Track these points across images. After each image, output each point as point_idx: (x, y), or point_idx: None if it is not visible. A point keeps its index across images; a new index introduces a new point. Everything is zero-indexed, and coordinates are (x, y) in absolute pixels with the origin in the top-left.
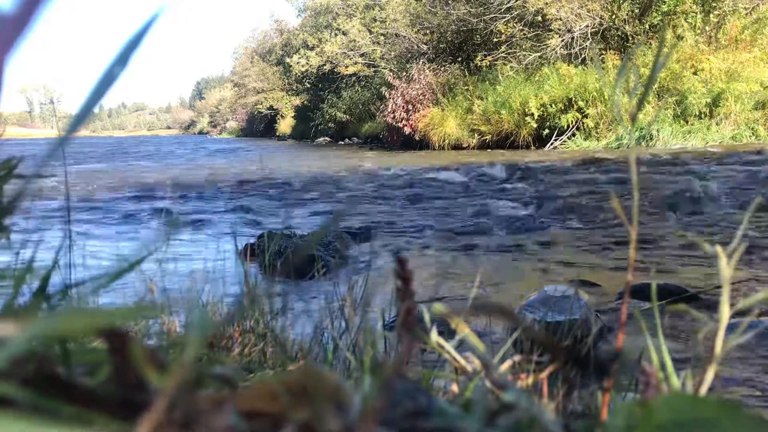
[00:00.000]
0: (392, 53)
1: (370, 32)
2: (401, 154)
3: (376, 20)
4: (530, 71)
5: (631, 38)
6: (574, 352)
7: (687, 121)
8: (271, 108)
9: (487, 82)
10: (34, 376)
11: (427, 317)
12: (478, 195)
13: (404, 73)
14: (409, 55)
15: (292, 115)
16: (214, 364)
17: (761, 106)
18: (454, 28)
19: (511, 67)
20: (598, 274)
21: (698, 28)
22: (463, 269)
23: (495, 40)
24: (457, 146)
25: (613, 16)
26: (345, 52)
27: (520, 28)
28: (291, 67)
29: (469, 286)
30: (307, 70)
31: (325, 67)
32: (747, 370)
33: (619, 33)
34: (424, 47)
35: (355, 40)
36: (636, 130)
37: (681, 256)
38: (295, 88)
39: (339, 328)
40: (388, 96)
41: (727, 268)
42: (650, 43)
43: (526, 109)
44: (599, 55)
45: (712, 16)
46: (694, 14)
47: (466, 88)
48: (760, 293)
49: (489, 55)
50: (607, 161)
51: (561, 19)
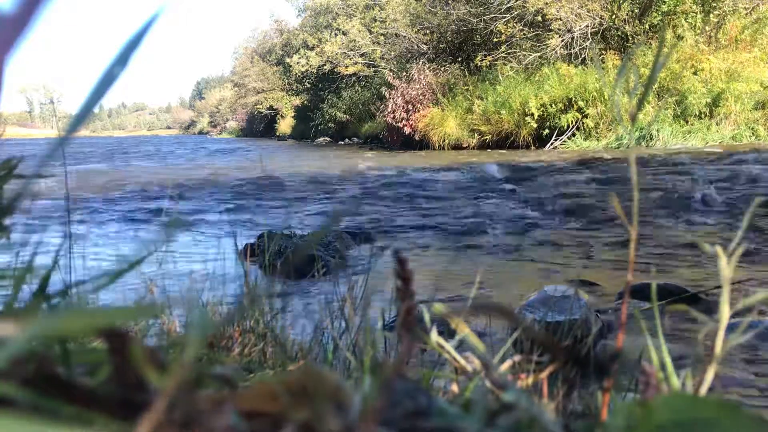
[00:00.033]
0: (392, 53)
1: (370, 32)
2: (401, 154)
3: (376, 20)
4: (530, 71)
5: (631, 38)
6: (574, 352)
7: (687, 121)
8: (271, 108)
9: (487, 82)
10: (34, 376)
11: (427, 317)
12: (478, 195)
13: (404, 73)
14: (409, 55)
15: (292, 115)
16: (214, 364)
17: (761, 106)
18: (454, 28)
19: (511, 67)
20: (598, 274)
21: (698, 28)
22: (463, 269)
23: (495, 40)
24: (457, 146)
25: (613, 16)
26: (345, 52)
27: (520, 28)
28: (291, 67)
29: (469, 286)
30: (307, 70)
31: (325, 67)
32: (747, 370)
33: (619, 33)
34: (424, 47)
35: (355, 40)
36: (636, 130)
37: (681, 256)
38: (295, 88)
39: (339, 328)
40: (388, 96)
41: (727, 268)
42: (650, 43)
43: (526, 109)
44: (599, 55)
45: (712, 16)
46: (694, 14)
47: (466, 88)
48: (760, 293)
49: (489, 55)
50: (607, 161)
51: (561, 19)
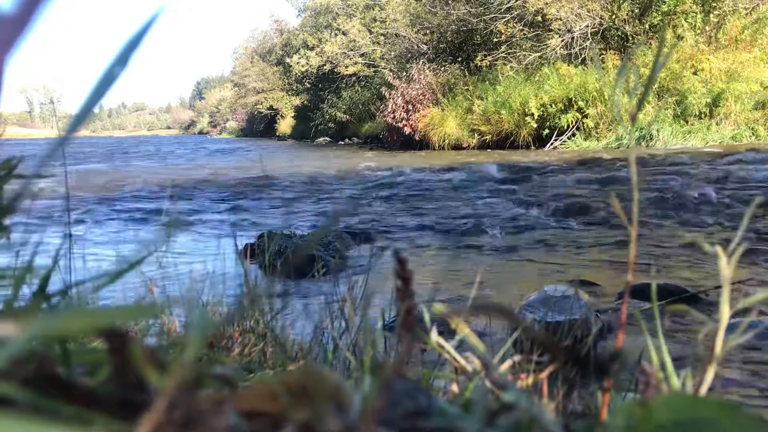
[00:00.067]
0: (392, 53)
1: (370, 32)
2: (401, 154)
3: (376, 20)
4: (530, 71)
5: (631, 38)
6: (574, 352)
7: (687, 121)
8: (271, 108)
9: (487, 82)
10: (34, 376)
11: (427, 317)
12: (478, 195)
13: (404, 73)
14: (409, 55)
15: (292, 115)
16: (214, 364)
17: (761, 106)
18: (454, 28)
19: (511, 67)
20: (598, 274)
21: (698, 28)
22: (463, 269)
23: (495, 40)
24: (457, 146)
25: (613, 16)
26: (345, 52)
27: (520, 28)
28: (291, 67)
29: (469, 286)
30: (307, 70)
31: (325, 67)
32: (747, 370)
33: (619, 33)
34: (424, 47)
35: (355, 40)
36: (636, 130)
37: (681, 256)
38: (295, 88)
39: (339, 328)
40: (388, 96)
41: (727, 268)
42: (650, 43)
43: (526, 109)
44: (599, 55)
45: (712, 16)
46: (694, 14)
47: (466, 88)
48: (760, 293)
49: (489, 55)
50: (607, 161)
51: (561, 19)
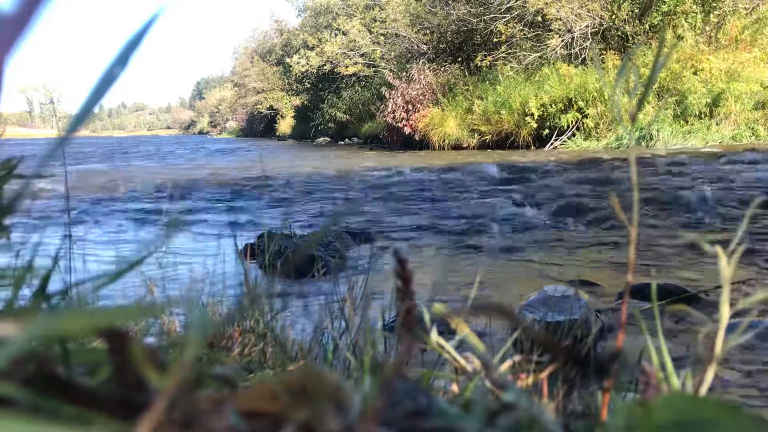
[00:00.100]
0: (392, 53)
1: (370, 32)
2: (401, 154)
3: (376, 20)
4: (530, 71)
5: (631, 38)
6: (574, 352)
7: (687, 121)
8: (271, 108)
9: (487, 82)
10: (34, 376)
11: (427, 317)
12: (478, 195)
13: (404, 73)
14: (409, 55)
15: (292, 115)
16: (214, 364)
17: (761, 106)
18: (454, 28)
19: (511, 68)
20: (598, 274)
21: (698, 28)
22: (463, 269)
23: (495, 40)
24: (457, 146)
25: (613, 16)
26: (345, 52)
27: (520, 28)
28: (291, 67)
29: (469, 286)
30: (307, 70)
31: (325, 67)
32: (747, 370)
33: (619, 33)
34: (424, 47)
35: (355, 40)
36: (636, 130)
37: (681, 256)
38: (295, 88)
39: (339, 328)
40: (388, 96)
41: (727, 268)
42: (650, 43)
43: (526, 109)
44: (599, 55)
45: (712, 16)
46: (694, 14)
47: (466, 88)
48: (760, 293)
49: (489, 55)
50: (607, 161)
51: (561, 19)
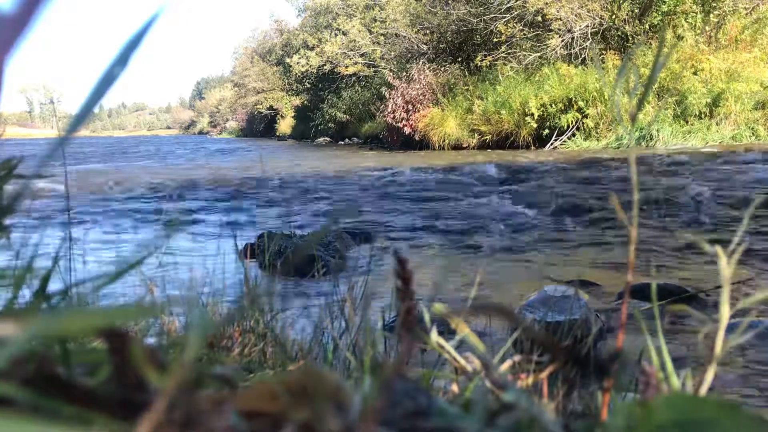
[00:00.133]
0: (392, 53)
1: (370, 32)
2: (401, 154)
3: (376, 20)
4: (530, 71)
5: (631, 38)
6: (574, 352)
7: (687, 121)
8: (271, 108)
9: (487, 82)
10: (34, 376)
11: (427, 317)
12: (478, 195)
13: (404, 73)
14: (409, 55)
15: (292, 115)
16: (214, 364)
17: (761, 106)
18: (454, 28)
19: (511, 67)
20: (598, 274)
21: (698, 28)
22: (463, 269)
23: (495, 40)
24: (457, 146)
25: (613, 16)
26: (345, 52)
27: (520, 28)
28: (291, 67)
29: (469, 286)
30: (307, 70)
31: (325, 67)
32: (747, 370)
33: (619, 33)
34: (424, 47)
35: (355, 40)
36: (636, 130)
37: (681, 256)
38: (295, 88)
39: (339, 328)
40: (388, 96)
41: (727, 268)
42: (650, 43)
43: (526, 109)
44: (599, 55)
45: (712, 16)
46: (694, 14)
47: (466, 88)
48: (760, 293)
49: (489, 55)
50: (607, 161)
51: (561, 19)
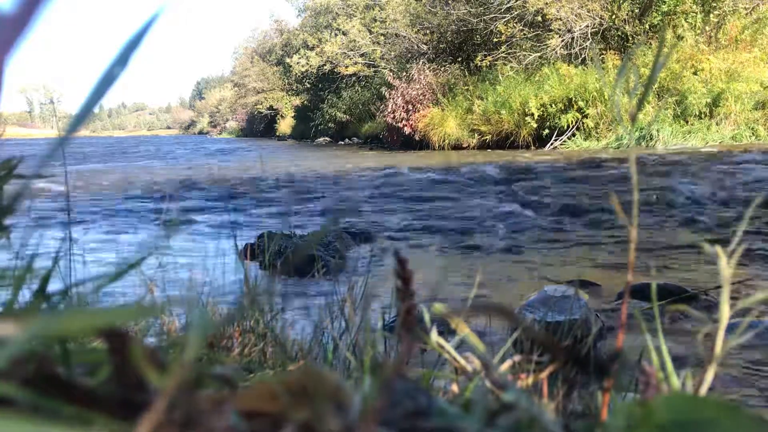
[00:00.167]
0: (392, 53)
1: (370, 32)
2: (401, 154)
3: (376, 20)
4: (530, 71)
5: (631, 38)
6: (574, 352)
7: (687, 121)
8: (271, 108)
9: (487, 82)
10: (34, 376)
11: (427, 317)
12: (478, 195)
13: (404, 73)
14: (409, 55)
15: (292, 115)
16: (214, 364)
17: (761, 106)
18: (454, 28)
19: (511, 67)
20: (598, 274)
21: (698, 28)
22: (463, 269)
23: (495, 40)
24: (457, 146)
25: (613, 16)
26: (345, 52)
27: (520, 28)
28: (291, 67)
29: (469, 286)
30: (307, 70)
31: (325, 67)
32: (747, 370)
33: (619, 33)
34: (424, 47)
35: (355, 40)
36: (636, 130)
37: (681, 256)
38: (295, 88)
39: (339, 328)
40: (388, 96)
41: (727, 268)
42: (650, 43)
43: (526, 109)
44: (599, 55)
45: (712, 16)
46: (694, 14)
47: (466, 88)
48: (760, 293)
49: (489, 55)
50: (607, 161)
51: (561, 19)
